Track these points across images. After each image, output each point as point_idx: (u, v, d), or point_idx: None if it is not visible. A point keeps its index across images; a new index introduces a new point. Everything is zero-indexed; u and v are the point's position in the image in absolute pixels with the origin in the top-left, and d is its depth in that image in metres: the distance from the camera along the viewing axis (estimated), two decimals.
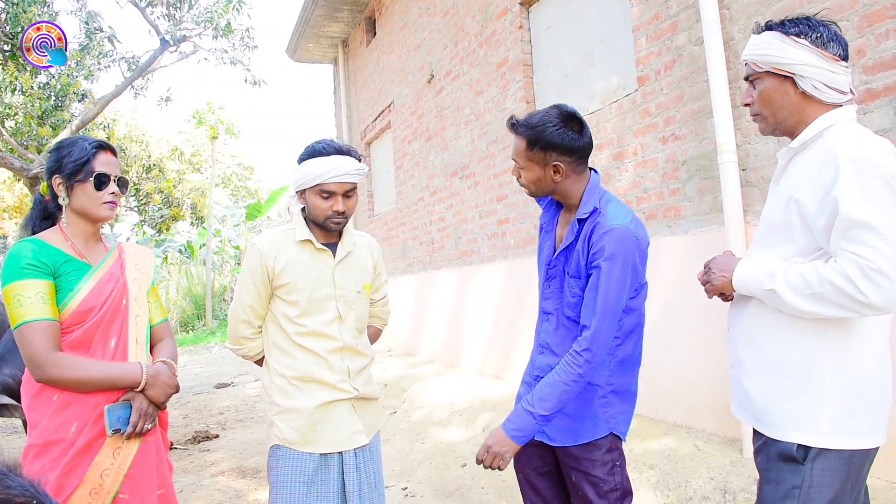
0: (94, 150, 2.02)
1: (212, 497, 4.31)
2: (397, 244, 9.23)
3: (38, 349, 1.83)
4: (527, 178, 2.05)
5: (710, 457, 3.43)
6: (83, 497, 1.85)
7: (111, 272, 2.06)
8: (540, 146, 1.97)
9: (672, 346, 4.03)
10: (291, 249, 2.24)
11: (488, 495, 3.86)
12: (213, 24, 11.42)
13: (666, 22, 4.15)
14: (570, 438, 2.01)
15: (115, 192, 2.06)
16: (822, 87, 1.60)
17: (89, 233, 2.07)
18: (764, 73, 1.67)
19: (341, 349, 2.26)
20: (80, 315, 1.93)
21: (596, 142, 4.82)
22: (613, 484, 2.00)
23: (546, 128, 1.96)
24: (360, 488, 2.23)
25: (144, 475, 1.99)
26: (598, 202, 2.00)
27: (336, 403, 2.24)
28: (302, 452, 2.18)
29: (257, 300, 2.24)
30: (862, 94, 3.01)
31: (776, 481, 1.58)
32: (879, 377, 1.56)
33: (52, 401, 1.89)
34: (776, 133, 1.73)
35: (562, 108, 2.01)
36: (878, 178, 1.45)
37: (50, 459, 1.85)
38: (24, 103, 10.72)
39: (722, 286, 1.74)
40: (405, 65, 8.75)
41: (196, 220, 21.23)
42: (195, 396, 8.27)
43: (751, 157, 3.58)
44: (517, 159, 2.05)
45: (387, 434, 5.47)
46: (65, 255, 1.97)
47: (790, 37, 1.61)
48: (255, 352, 2.34)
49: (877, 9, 2.94)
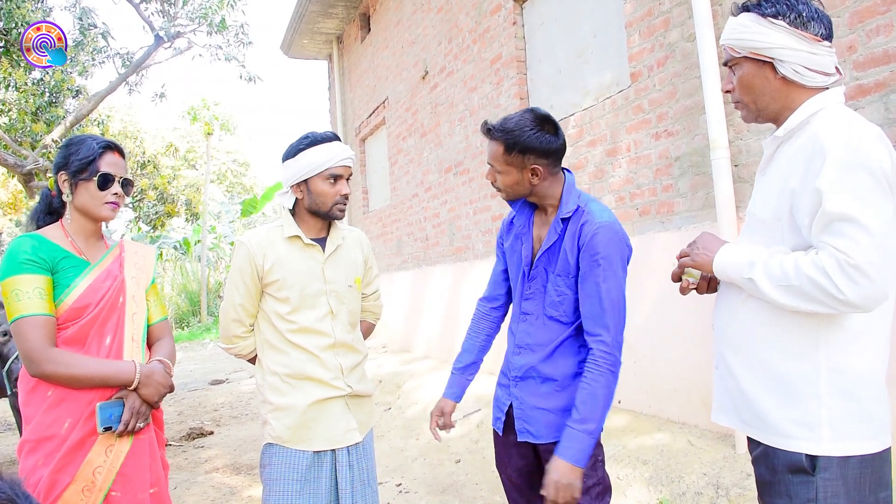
0: (100, 150, 2.04)
1: (206, 494, 4.31)
2: (392, 241, 9.23)
3: (34, 344, 1.85)
4: (504, 182, 2.06)
5: (703, 452, 3.44)
6: (75, 494, 1.86)
7: (109, 270, 2.07)
8: (518, 150, 1.99)
9: (665, 342, 4.04)
10: (280, 246, 2.24)
11: (482, 491, 3.87)
12: (208, 21, 11.41)
13: (659, 18, 4.15)
14: (554, 434, 2.01)
15: (117, 193, 2.07)
16: (803, 70, 1.50)
17: (90, 230, 2.09)
18: (742, 59, 1.58)
19: (334, 346, 2.25)
20: (76, 311, 1.94)
21: (589, 138, 4.83)
22: (596, 479, 2.01)
23: (523, 132, 1.97)
24: (352, 486, 2.23)
25: (137, 473, 1.99)
26: (578, 200, 2.03)
27: (329, 401, 2.23)
28: (295, 450, 2.18)
29: (248, 298, 2.24)
30: (853, 91, 3.02)
31: (788, 495, 1.49)
32: (875, 378, 1.48)
33: (47, 396, 1.90)
34: (759, 120, 1.64)
35: (536, 111, 2.03)
36: (862, 169, 1.37)
37: (43, 455, 1.86)
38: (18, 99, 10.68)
39: (702, 263, 1.64)
40: (399, 61, 8.73)
41: (191, 216, 21.20)
42: (190, 393, 8.27)
43: (743, 153, 3.59)
44: (494, 164, 2.05)
45: (381, 430, 5.48)
46: (64, 251, 1.98)
47: (767, 18, 1.51)
48: (248, 350, 2.33)
49: (868, 5, 2.94)
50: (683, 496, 3.15)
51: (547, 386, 2.05)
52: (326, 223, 2.33)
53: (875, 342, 1.49)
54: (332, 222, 2.34)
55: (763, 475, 1.58)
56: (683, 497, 3.15)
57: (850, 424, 1.45)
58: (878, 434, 1.47)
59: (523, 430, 2.07)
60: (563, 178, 2.08)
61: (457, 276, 7.06)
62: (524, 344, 2.11)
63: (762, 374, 1.55)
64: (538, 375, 2.06)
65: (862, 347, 1.48)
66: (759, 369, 1.56)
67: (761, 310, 1.55)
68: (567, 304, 2.02)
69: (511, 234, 2.23)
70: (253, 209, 21.74)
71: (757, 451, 1.60)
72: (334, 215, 2.26)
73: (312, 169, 2.18)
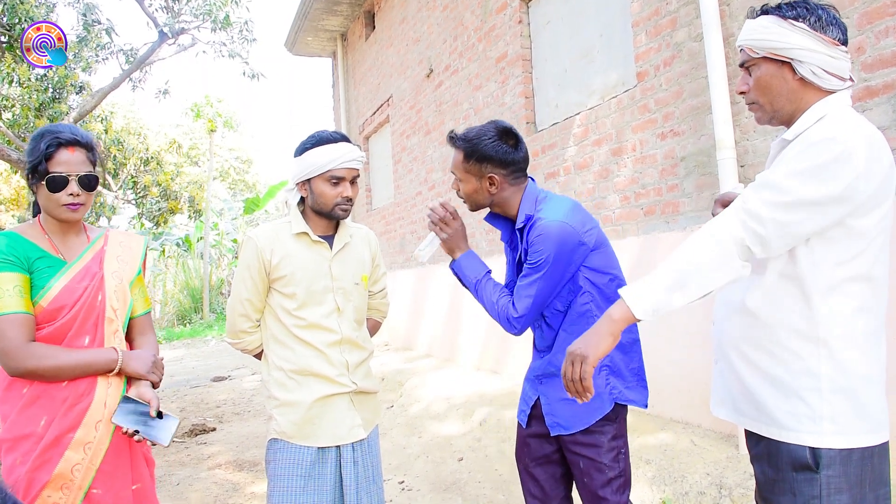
0: (49, 150, 1.88)
1: (209, 490, 4.32)
2: (396, 238, 9.23)
3: (13, 341, 1.80)
4: (464, 190, 2.16)
5: (707, 452, 3.45)
6: (54, 492, 1.82)
7: (88, 268, 2.00)
8: (475, 158, 2.09)
9: (668, 342, 4.03)
10: (288, 242, 2.24)
11: (485, 489, 3.87)
12: (212, 17, 11.40)
13: (666, 18, 4.15)
14: (582, 422, 2.05)
15: (74, 194, 1.91)
16: (821, 72, 1.54)
17: (66, 227, 2.01)
18: (760, 59, 1.60)
19: (340, 342, 2.26)
20: (51, 313, 1.89)
21: (594, 137, 4.82)
22: (618, 471, 2.05)
23: (482, 141, 2.08)
24: (356, 482, 2.22)
25: (119, 470, 1.95)
26: (534, 207, 2.10)
27: (334, 397, 2.23)
28: (300, 446, 2.18)
29: (255, 294, 2.24)
30: (861, 92, 3.01)
31: (793, 493, 1.51)
32: (873, 376, 1.52)
33: (22, 394, 1.86)
34: (773, 122, 1.67)
35: (499, 123, 2.14)
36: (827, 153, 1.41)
37: (20, 454, 1.82)
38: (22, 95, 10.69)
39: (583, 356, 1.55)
40: (404, 59, 8.73)
41: (194, 213, 21.19)
42: (192, 390, 8.28)
43: (749, 153, 3.58)
44: (455, 171, 2.17)
45: (384, 428, 5.48)
46: (39, 250, 1.92)
47: (788, 20, 1.54)
48: (254, 346, 2.33)
49: (877, 6, 2.94)
50: (686, 496, 3.15)
51: None
52: (334, 221, 2.32)
53: (872, 340, 1.52)
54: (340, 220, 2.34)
55: (765, 472, 1.59)
56: (686, 497, 3.15)
57: (850, 419, 1.48)
58: (877, 428, 1.51)
59: (554, 424, 2.11)
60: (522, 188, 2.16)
61: None
62: (541, 347, 2.20)
63: (763, 369, 1.58)
64: (556, 369, 2.11)
65: (860, 344, 1.51)
66: (760, 364, 1.58)
67: (762, 306, 1.58)
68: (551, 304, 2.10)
69: (506, 246, 2.34)
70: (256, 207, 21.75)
71: (758, 448, 1.62)
72: (336, 215, 2.25)
73: (314, 170, 2.18)
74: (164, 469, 4.80)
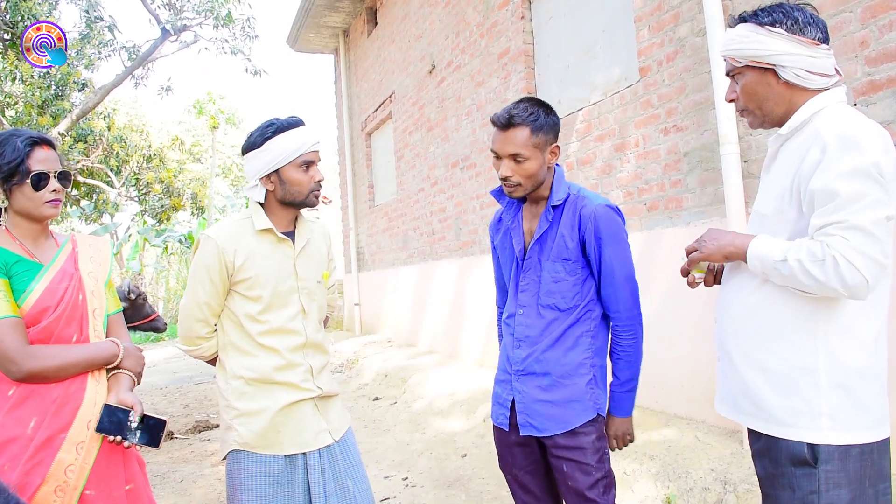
0: (27, 149, 1.89)
1: (212, 486, 4.33)
2: (398, 235, 9.23)
3: (11, 346, 1.79)
4: (528, 169, 2.02)
5: (711, 448, 3.44)
6: (48, 495, 1.79)
7: (64, 269, 1.98)
8: (543, 131, 2.03)
9: (672, 338, 4.03)
10: (250, 241, 2.12)
11: (488, 485, 3.88)
12: (214, 14, 11.40)
13: (668, 13, 4.14)
14: (559, 426, 2.04)
15: (55, 190, 1.93)
16: (804, 74, 1.55)
17: (37, 231, 1.99)
18: (744, 68, 1.62)
19: (304, 346, 2.16)
20: (35, 316, 1.87)
21: (597, 133, 4.81)
22: (603, 472, 2.04)
23: (539, 113, 2.04)
24: (324, 490, 2.13)
25: (111, 470, 1.93)
26: (569, 189, 2.11)
27: (299, 404, 2.14)
28: (265, 455, 2.09)
29: (214, 297, 2.12)
30: (865, 86, 3.00)
31: (791, 488, 1.52)
32: (872, 372, 1.52)
33: (8, 396, 1.82)
34: (765, 126, 1.68)
35: (532, 98, 2.12)
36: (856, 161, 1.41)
37: (9, 458, 1.77)
38: (25, 92, 10.71)
39: (711, 254, 1.65)
40: (406, 55, 8.72)
41: (196, 210, 21.24)
42: (195, 386, 8.30)
43: (753, 148, 3.57)
44: (521, 151, 2.00)
45: (387, 424, 5.49)
46: (14, 255, 1.90)
47: (765, 27, 1.55)
48: (211, 352, 2.22)
49: (880, 0, 2.93)
50: (691, 491, 3.15)
51: (548, 378, 2.07)
52: (294, 215, 2.23)
53: (872, 336, 1.53)
54: (298, 214, 2.24)
55: (766, 468, 1.61)
56: (691, 492, 3.15)
57: (848, 415, 1.49)
58: (876, 425, 1.51)
59: (526, 423, 2.07)
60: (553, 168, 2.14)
61: (463, 271, 7.05)
62: (523, 336, 2.12)
63: (763, 365, 1.59)
64: (539, 367, 2.07)
65: (859, 341, 1.51)
66: (760, 361, 1.60)
67: (763, 302, 1.59)
68: (565, 289, 2.06)
69: (500, 232, 2.27)
70: None
71: (758, 444, 1.63)
72: (311, 202, 2.15)
73: (284, 157, 2.06)
74: (168, 465, 4.82)
